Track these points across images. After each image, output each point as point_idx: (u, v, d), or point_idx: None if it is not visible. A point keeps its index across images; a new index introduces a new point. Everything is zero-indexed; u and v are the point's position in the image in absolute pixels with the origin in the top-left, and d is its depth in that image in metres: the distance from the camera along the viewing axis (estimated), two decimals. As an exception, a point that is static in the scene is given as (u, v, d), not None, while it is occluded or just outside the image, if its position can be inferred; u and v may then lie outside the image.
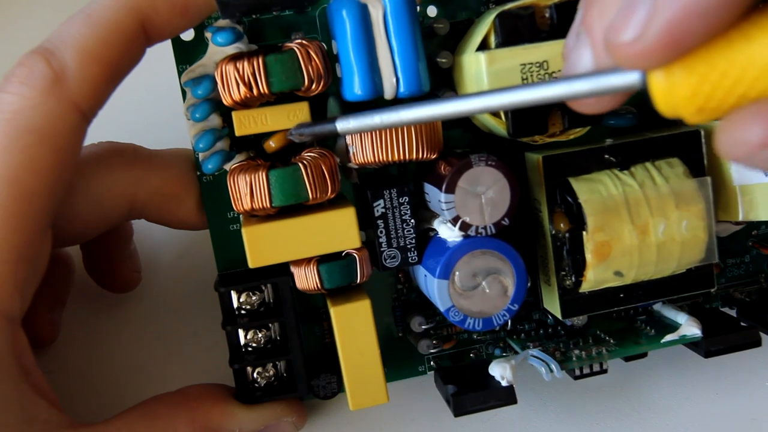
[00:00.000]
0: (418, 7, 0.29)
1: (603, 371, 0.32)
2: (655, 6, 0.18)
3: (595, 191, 0.28)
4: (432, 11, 0.31)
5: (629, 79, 0.19)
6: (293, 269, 0.29)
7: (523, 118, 0.28)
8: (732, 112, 0.18)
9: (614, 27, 0.19)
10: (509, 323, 0.34)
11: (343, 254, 0.29)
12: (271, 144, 0.30)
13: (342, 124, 0.25)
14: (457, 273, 0.28)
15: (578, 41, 0.22)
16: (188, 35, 0.30)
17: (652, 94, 0.19)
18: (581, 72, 0.22)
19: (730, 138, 0.19)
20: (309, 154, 0.29)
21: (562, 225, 0.29)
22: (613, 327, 0.34)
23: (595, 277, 0.29)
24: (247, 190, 0.28)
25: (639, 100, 0.33)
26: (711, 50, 0.18)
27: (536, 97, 0.21)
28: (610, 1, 0.20)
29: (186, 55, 0.30)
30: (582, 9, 0.23)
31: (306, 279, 0.29)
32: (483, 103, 0.22)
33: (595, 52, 0.22)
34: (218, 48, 0.29)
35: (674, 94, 0.18)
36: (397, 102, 0.30)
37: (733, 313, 0.35)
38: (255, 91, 0.27)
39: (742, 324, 0.33)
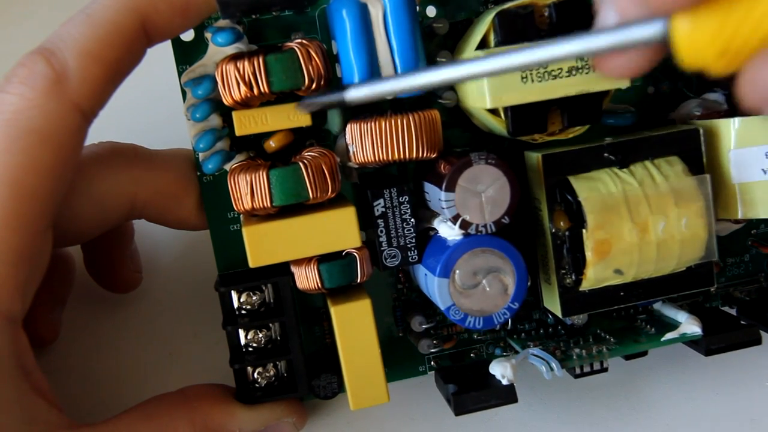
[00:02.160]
0: (418, 7, 0.29)
1: (603, 370, 0.32)
2: None
3: (595, 189, 0.28)
4: (431, 11, 0.31)
5: (651, 29, 0.19)
6: (293, 269, 0.29)
7: (523, 116, 0.28)
8: (755, 54, 0.18)
9: None
10: (509, 322, 0.34)
11: (344, 254, 0.29)
12: (272, 144, 0.30)
13: (351, 93, 0.24)
14: (457, 271, 0.28)
15: (601, 4, 0.22)
16: (188, 36, 0.30)
17: (675, 41, 0.19)
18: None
19: (752, 79, 0.18)
20: (309, 153, 0.29)
21: (562, 223, 0.29)
22: (614, 326, 0.34)
23: (595, 276, 0.29)
24: (248, 189, 0.28)
25: (638, 99, 0.34)
26: None
27: (556, 54, 0.20)
28: None
29: (186, 55, 0.30)
30: None
31: (306, 278, 0.29)
32: (499, 63, 0.21)
33: (620, 6, 0.21)
34: (218, 48, 0.29)
35: (697, 37, 0.18)
36: (397, 102, 0.30)
37: (733, 312, 0.35)
38: (255, 91, 0.27)
39: (742, 322, 0.33)
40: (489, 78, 0.27)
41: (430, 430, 0.34)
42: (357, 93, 0.24)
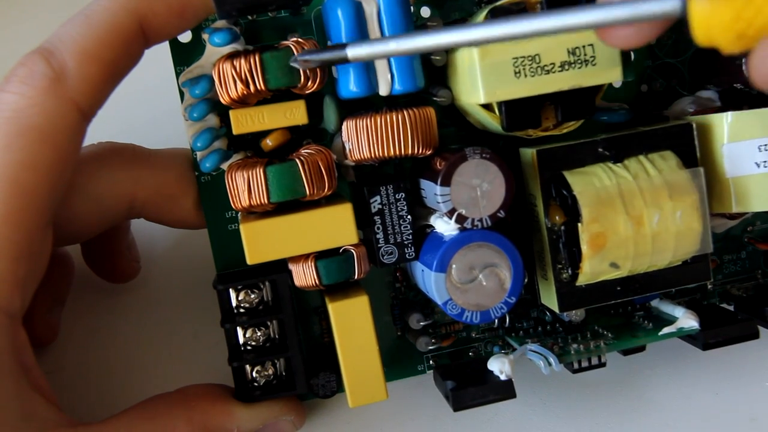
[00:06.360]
0: (412, 8, 0.30)
1: (601, 365, 0.32)
2: None
3: (590, 183, 0.29)
4: (425, 12, 0.32)
5: (667, 5, 0.19)
6: (291, 266, 0.30)
7: (517, 111, 0.28)
8: None
9: None
10: (507, 320, 0.34)
11: (341, 250, 0.29)
12: (268, 143, 0.30)
13: (353, 51, 0.23)
14: (453, 266, 0.29)
15: None
16: (185, 37, 0.30)
17: (691, 20, 0.18)
18: None
19: (764, 57, 0.18)
20: (306, 150, 0.29)
21: (557, 218, 0.29)
22: (611, 322, 0.34)
23: (591, 269, 0.29)
24: (245, 186, 0.28)
25: (632, 97, 0.34)
26: None
27: (570, 23, 0.20)
28: None
29: (183, 56, 0.30)
30: None
31: (304, 275, 0.29)
32: (509, 29, 0.20)
33: None
34: (215, 49, 0.29)
35: (715, 19, 0.18)
36: (392, 99, 0.30)
37: (730, 309, 0.35)
38: (252, 88, 0.27)
39: (739, 317, 0.33)
40: (482, 72, 0.27)
41: (429, 430, 0.34)
42: (358, 51, 0.23)
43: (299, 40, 0.28)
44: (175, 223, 0.32)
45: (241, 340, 0.30)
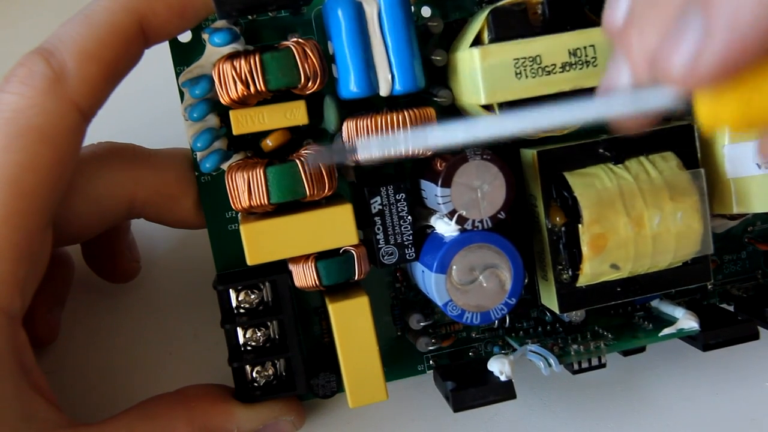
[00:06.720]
0: (413, 8, 0.30)
1: (601, 366, 0.32)
2: (708, 33, 0.17)
3: (590, 185, 0.29)
4: (426, 11, 0.32)
5: (671, 97, 0.19)
6: (291, 267, 0.30)
7: (517, 112, 0.28)
8: None
9: (663, 53, 0.18)
10: (507, 320, 0.34)
11: (341, 251, 0.29)
12: (268, 143, 0.30)
13: (362, 149, 0.24)
14: (454, 267, 0.29)
15: (614, 60, 0.22)
16: (185, 37, 0.30)
17: (698, 111, 0.18)
18: (620, 89, 0.21)
19: None
20: (306, 151, 0.29)
21: (558, 219, 0.29)
22: (611, 323, 0.34)
23: (591, 270, 0.29)
24: (245, 187, 0.28)
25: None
26: (764, 62, 0.17)
27: (575, 117, 0.20)
28: (650, 21, 0.20)
29: (183, 56, 0.30)
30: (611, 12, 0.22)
31: (304, 276, 0.29)
32: (517, 124, 0.21)
33: (635, 71, 0.21)
34: (215, 49, 0.29)
35: (722, 109, 0.18)
36: (393, 99, 0.30)
37: (730, 309, 0.35)
38: (252, 89, 0.27)
39: (740, 318, 0.33)
40: (483, 73, 0.27)
41: (429, 430, 0.34)
42: (368, 149, 0.24)
43: (299, 40, 0.28)
44: (175, 224, 0.32)
45: (241, 340, 0.30)
